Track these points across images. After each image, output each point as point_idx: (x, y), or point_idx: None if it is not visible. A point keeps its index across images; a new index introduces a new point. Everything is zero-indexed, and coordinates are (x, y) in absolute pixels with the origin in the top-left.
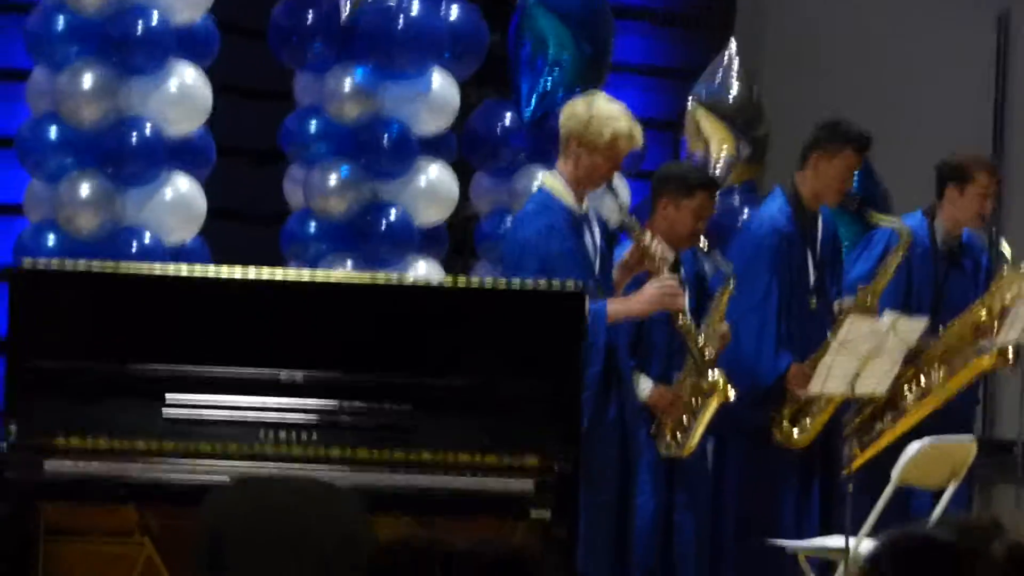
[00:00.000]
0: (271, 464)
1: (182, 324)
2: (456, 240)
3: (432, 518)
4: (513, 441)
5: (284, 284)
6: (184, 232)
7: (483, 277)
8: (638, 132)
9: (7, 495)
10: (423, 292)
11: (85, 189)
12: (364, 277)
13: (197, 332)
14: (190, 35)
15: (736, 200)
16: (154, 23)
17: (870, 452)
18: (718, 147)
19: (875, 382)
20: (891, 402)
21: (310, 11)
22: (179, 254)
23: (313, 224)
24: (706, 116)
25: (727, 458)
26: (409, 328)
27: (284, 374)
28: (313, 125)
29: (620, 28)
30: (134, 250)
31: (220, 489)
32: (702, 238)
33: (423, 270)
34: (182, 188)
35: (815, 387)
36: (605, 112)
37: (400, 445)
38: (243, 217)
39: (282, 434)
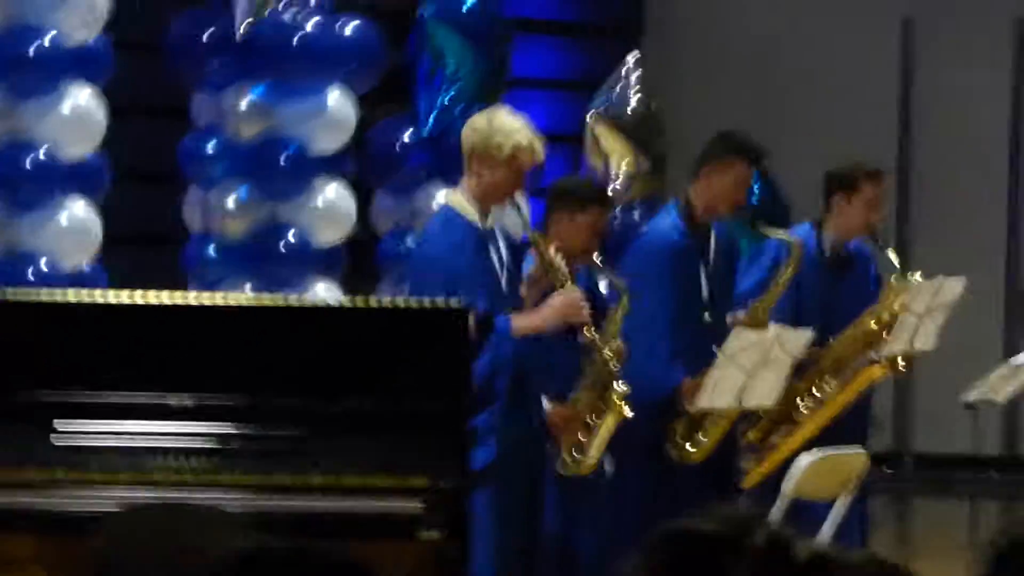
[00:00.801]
0: (164, 490)
1: (70, 350)
2: (356, 260)
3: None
4: (402, 462)
5: (173, 308)
6: (81, 257)
7: (380, 296)
8: (539, 146)
9: None
10: (309, 313)
11: None
12: (250, 299)
13: (86, 358)
14: (84, 55)
15: (636, 214)
16: (47, 43)
17: (766, 467)
18: (617, 161)
19: (762, 395)
20: (786, 415)
21: (206, 28)
22: (77, 279)
23: (212, 246)
24: (605, 130)
25: (625, 474)
26: (297, 350)
27: (175, 399)
28: (211, 145)
29: (524, 41)
30: (31, 276)
31: (110, 517)
32: (596, 253)
33: (322, 291)
34: (78, 212)
35: (703, 401)
36: (506, 127)
37: (291, 469)
38: (142, 240)
39: (173, 460)
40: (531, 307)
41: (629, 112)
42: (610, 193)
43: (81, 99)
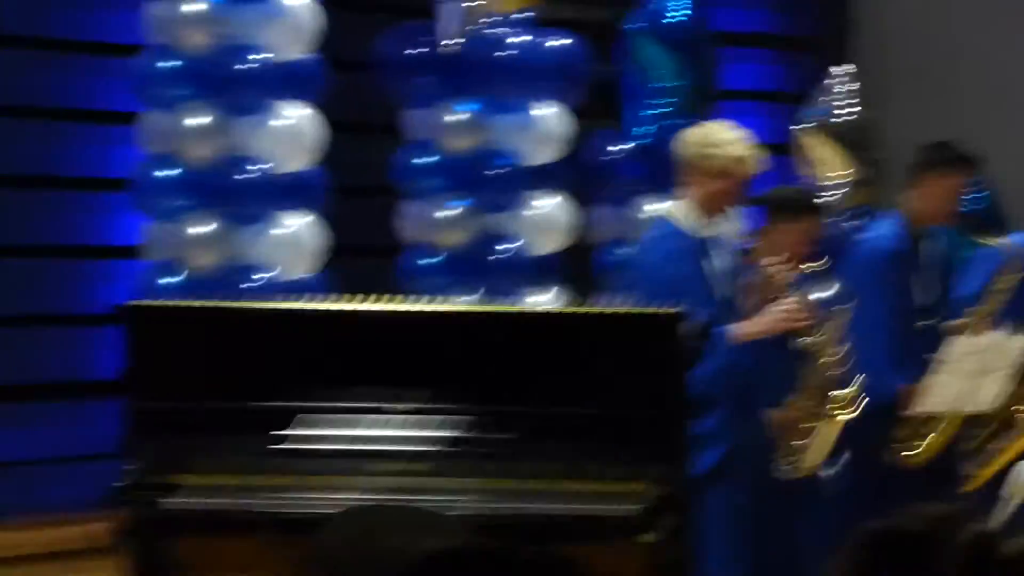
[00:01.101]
0: (384, 494)
1: (294, 358)
2: (572, 270)
3: (546, 544)
4: (620, 465)
5: (393, 314)
6: (301, 268)
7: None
8: (755, 157)
9: (131, 533)
10: (526, 319)
11: (201, 228)
12: (467, 306)
13: (309, 365)
14: (295, 72)
15: (851, 224)
16: (259, 62)
17: (988, 471)
18: (831, 171)
19: (981, 400)
20: (1011, 421)
21: (414, 45)
22: (297, 290)
23: (427, 258)
24: (817, 140)
25: (846, 478)
26: (514, 355)
27: (395, 405)
28: (423, 159)
29: (731, 54)
30: (252, 287)
31: (330, 520)
32: (811, 261)
33: (539, 301)
34: (297, 225)
35: (921, 406)
36: (720, 139)
37: (510, 473)
38: (358, 253)
39: (393, 464)
40: (749, 315)
41: (842, 122)
42: (823, 203)
43: (296, 115)
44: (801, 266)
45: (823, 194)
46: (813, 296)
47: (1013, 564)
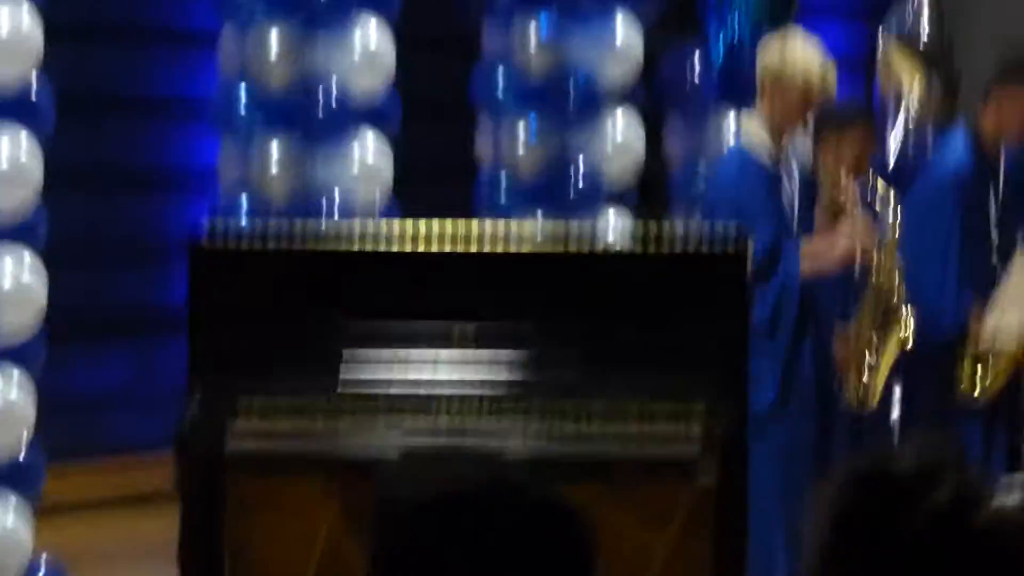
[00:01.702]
0: (441, 438)
1: (356, 280)
2: (649, 189)
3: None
4: (679, 390)
5: (457, 239)
6: (373, 191)
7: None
8: (832, 74)
9: (189, 476)
10: (585, 256)
11: (275, 151)
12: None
13: (372, 288)
14: None
15: (929, 137)
16: None
17: None
18: (909, 84)
19: None
20: None
21: None
22: (371, 212)
23: (504, 178)
24: (897, 53)
25: (912, 409)
26: (579, 284)
27: (458, 327)
28: (501, 77)
29: None
30: (324, 211)
31: (389, 462)
32: (875, 176)
33: (613, 221)
34: (370, 148)
35: (986, 340)
36: (798, 55)
37: (564, 414)
38: (433, 175)
39: (459, 389)
40: (819, 236)
41: (921, 35)
42: (903, 116)
43: (371, 34)
44: (858, 182)
45: (903, 108)
46: (875, 218)
47: (981, 535)
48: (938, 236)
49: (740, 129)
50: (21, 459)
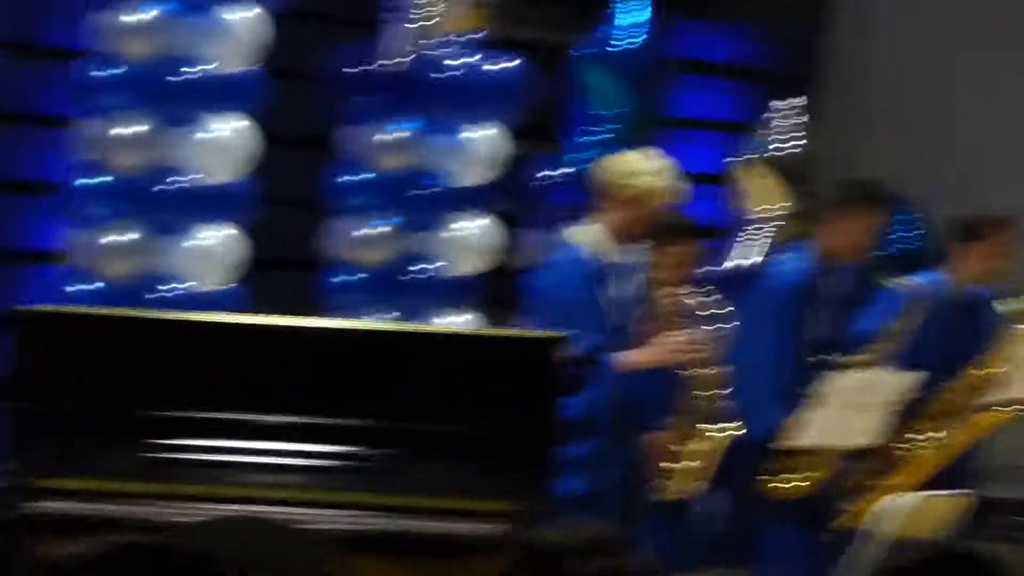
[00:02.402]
0: (261, 506)
1: (178, 369)
2: (499, 293)
3: (411, 560)
4: (487, 486)
5: (272, 330)
6: (217, 280)
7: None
8: (671, 188)
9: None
10: (405, 339)
11: (120, 236)
12: (347, 325)
13: (191, 377)
14: (232, 85)
15: (772, 250)
16: (197, 73)
17: (860, 508)
18: (769, 202)
19: (861, 435)
20: (896, 458)
21: (358, 62)
22: (216, 302)
23: (351, 275)
24: (757, 171)
25: (728, 507)
26: (392, 374)
27: (275, 418)
28: (352, 176)
29: (697, 83)
30: (171, 297)
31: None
32: (691, 285)
33: (457, 321)
34: (219, 236)
35: (800, 439)
36: (638, 168)
37: (379, 490)
38: (281, 266)
39: (270, 477)
40: (642, 343)
41: (781, 155)
42: (760, 233)
43: (229, 127)
44: (688, 292)
45: (762, 226)
46: (703, 327)
47: None
48: (765, 343)
49: (571, 237)
50: None
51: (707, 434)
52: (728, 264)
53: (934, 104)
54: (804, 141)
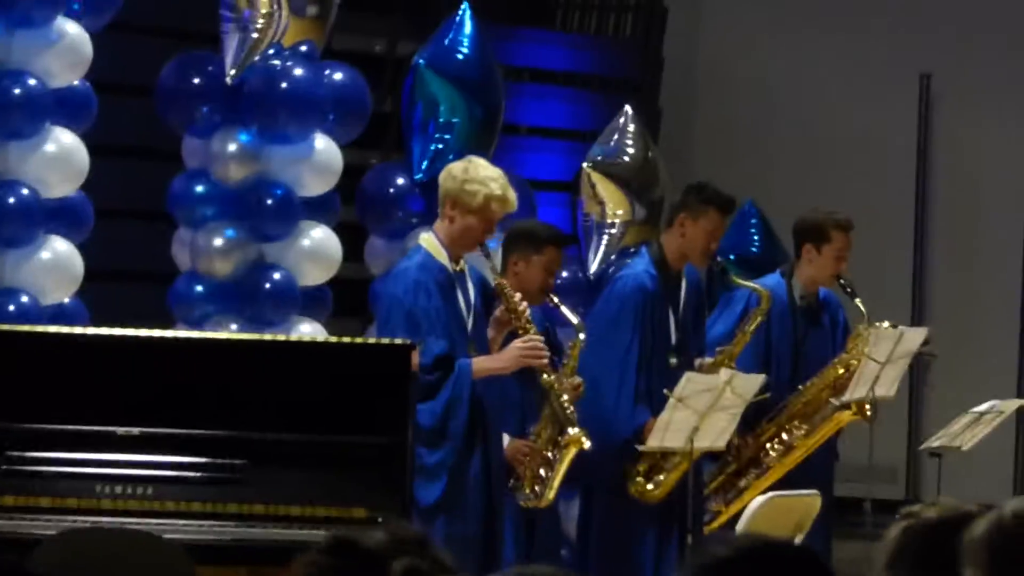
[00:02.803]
0: (108, 518)
1: (23, 381)
2: (347, 301)
3: (263, 569)
4: (343, 493)
5: (116, 341)
6: (61, 293)
7: (360, 336)
8: (512, 196)
9: None
10: (256, 348)
11: None
12: (194, 334)
13: (37, 389)
14: (67, 98)
15: (618, 257)
16: (31, 87)
17: (734, 508)
18: (613, 209)
19: (713, 437)
20: (754, 459)
21: (195, 74)
22: (58, 315)
23: (199, 285)
24: (601, 178)
25: (591, 511)
26: (241, 384)
27: (121, 430)
28: (199, 187)
29: (528, 90)
30: (12, 311)
31: (47, 541)
32: (551, 294)
33: (307, 330)
34: (59, 249)
35: (654, 441)
36: (480, 175)
37: (235, 498)
38: (128, 278)
39: (118, 488)
40: (497, 349)
41: (626, 161)
42: (606, 240)
43: (64, 141)
44: (541, 298)
45: (605, 232)
46: (553, 328)
47: None
48: (618, 348)
49: (420, 243)
50: None
51: (567, 440)
52: (579, 271)
53: (766, 109)
54: (645, 148)
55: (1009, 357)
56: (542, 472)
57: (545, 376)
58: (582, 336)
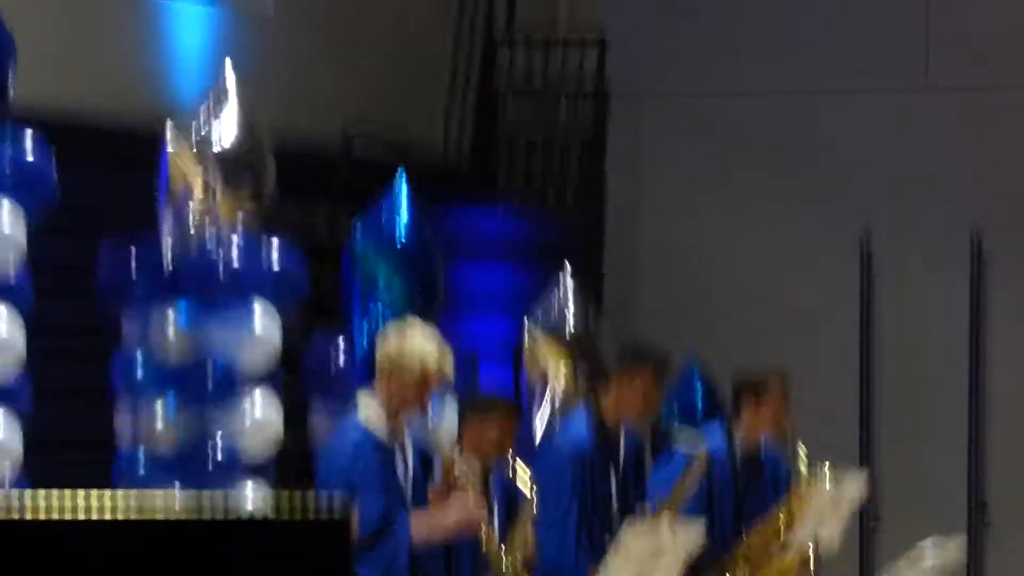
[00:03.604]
0: None
1: None
2: (289, 469)
3: None
4: None
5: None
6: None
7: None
8: (448, 362)
9: None
10: (184, 525)
11: None
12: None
13: None
14: (5, 288)
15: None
16: None
17: None
18: (555, 371)
19: None
20: None
21: (133, 254)
22: None
23: (142, 459)
24: (542, 341)
25: None
26: (169, 560)
27: None
28: (140, 364)
29: (469, 260)
30: None
31: None
32: (507, 458)
33: (250, 492)
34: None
35: None
36: (416, 341)
37: None
38: (75, 450)
39: None
40: (433, 513)
41: (568, 325)
42: (548, 403)
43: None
44: (497, 462)
45: (547, 395)
46: (515, 490)
47: None
48: (559, 506)
49: (359, 408)
50: None
51: None
52: (535, 431)
53: (705, 267)
54: (585, 312)
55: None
56: None
57: (484, 539)
58: (532, 504)
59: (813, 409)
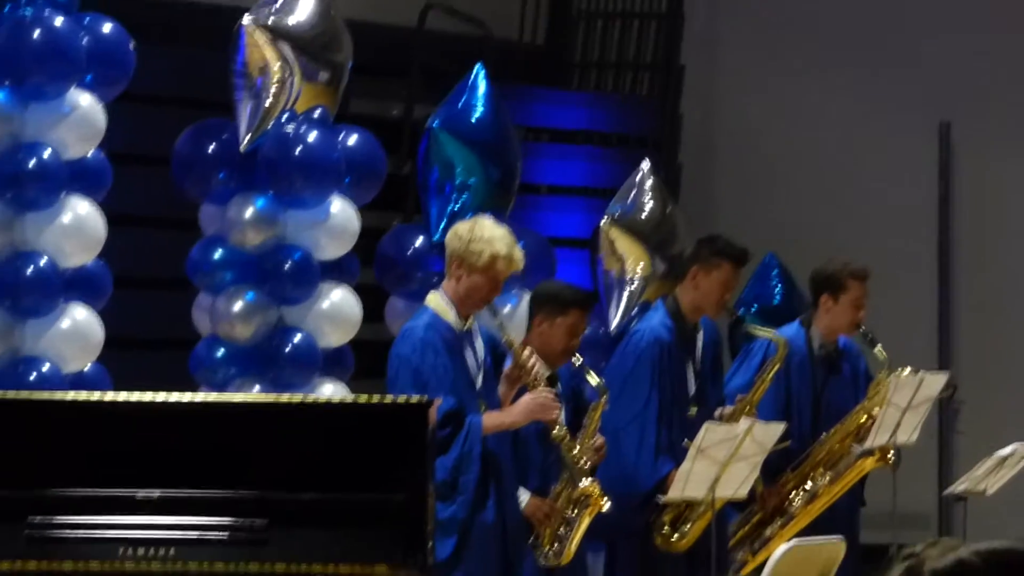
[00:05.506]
0: None
1: (44, 447)
2: (369, 361)
3: None
4: (364, 551)
5: (138, 406)
6: (81, 361)
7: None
8: (519, 255)
9: None
10: (275, 410)
11: None
12: (214, 397)
13: (59, 454)
14: (82, 169)
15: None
16: (46, 159)
17: (760, 557)
18: (633, 265)
19: (735, 486)
20: (779, 508)
21: (210, 142)
22: (78, 382)
23: (220, 349)
24: (620, 234)
25: (616, 563)
26: (262, 445)
27: (142, 493)
28: (217, 253)
29: (546, 148)
30: (33, 379)
31: None
32: (576, 354)
33: (330, 391)
34: (79, 317)
35: (676, 492)
36: (486, 235)
37: (257, 558)
38: (148, 344)
39: (141, 550)
40: (504, 405)
41: (644, 216)
42: (626, 296)
43: (80, 211)
44: (565, 358)
45: (625, 288)
46: (581, 388)
47: None
48: (636, 401)
49: (427, 302)
50: None
51: (579, 493)
52: (600, 328)
53: (783, 159)
54: (663, 203)
55: None
56: (561, 531)
57: (555, 431)
58: (604, 398)
59: (891, 310)
